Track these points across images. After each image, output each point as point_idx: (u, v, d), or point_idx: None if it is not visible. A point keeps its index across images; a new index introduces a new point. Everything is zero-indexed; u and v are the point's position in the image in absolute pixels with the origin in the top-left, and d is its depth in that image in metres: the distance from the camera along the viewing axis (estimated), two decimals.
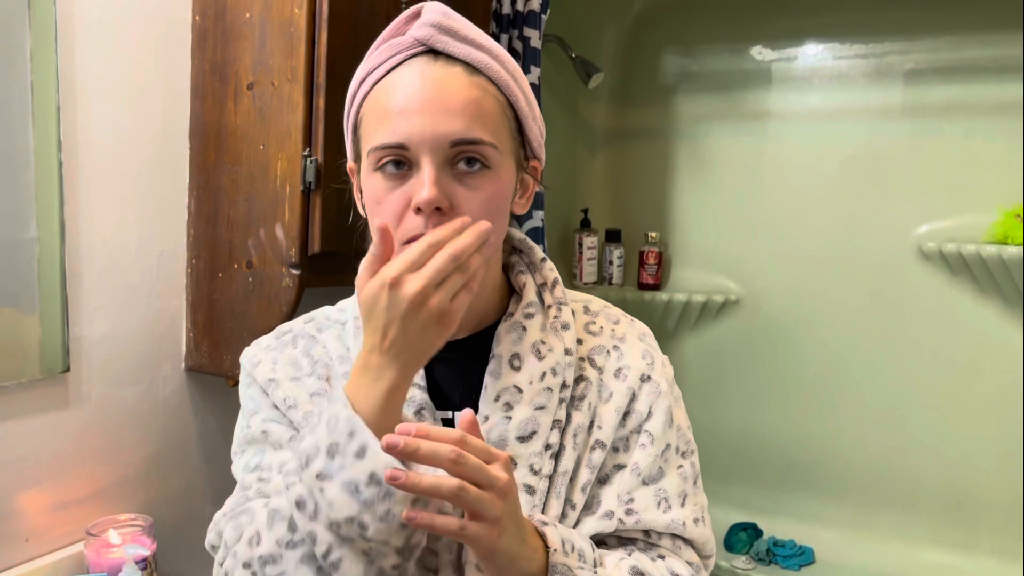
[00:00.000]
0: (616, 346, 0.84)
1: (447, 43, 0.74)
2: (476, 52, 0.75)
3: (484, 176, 0.73)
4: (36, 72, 1.19)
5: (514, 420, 0.77)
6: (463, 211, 0.72)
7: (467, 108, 0.72)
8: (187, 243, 1.48)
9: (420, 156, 0.72)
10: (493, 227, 0.72)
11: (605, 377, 0.82)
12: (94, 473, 1.35)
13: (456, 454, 0.62)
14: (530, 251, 0.88)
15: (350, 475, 0.66)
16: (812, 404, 2.48)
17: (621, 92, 2.72)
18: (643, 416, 0.81)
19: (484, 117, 0.73)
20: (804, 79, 2.45)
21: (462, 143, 0.72)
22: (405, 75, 0.74)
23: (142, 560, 1.25)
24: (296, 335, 0.87)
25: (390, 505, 0.65)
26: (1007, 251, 2.08)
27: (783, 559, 2.35)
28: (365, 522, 0.66)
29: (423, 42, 0.75)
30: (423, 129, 0.71)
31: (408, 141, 0.72)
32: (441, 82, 0.73)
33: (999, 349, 2.23)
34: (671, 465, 0.81)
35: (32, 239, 1.21)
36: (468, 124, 0.72)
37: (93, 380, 1.34)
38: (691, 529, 0.80)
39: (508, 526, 0.65)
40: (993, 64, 2.20)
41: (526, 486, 0.76)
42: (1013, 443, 2.23)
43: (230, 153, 1.41)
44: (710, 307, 2.57)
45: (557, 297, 0.84)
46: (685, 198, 2.64)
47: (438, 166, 0.72)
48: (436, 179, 0.71)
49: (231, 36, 1.40)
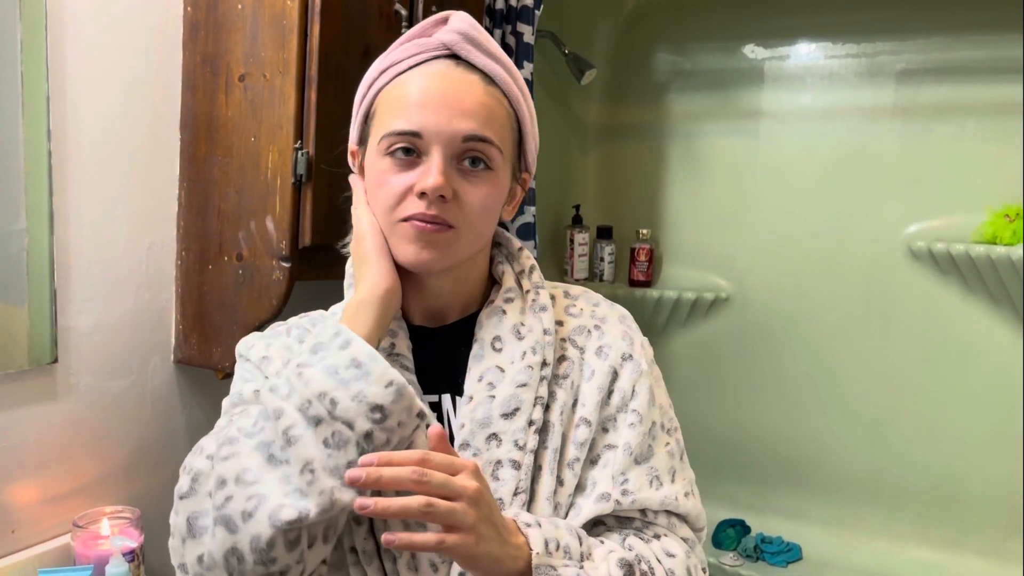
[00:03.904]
0: (597, 326, 0.88)
1: (470, 52, 0.81)
2: (494, 65, 0.82)
3: (486, 176, 0.80)
4: (26, 62, 1.18)
5: (497, 398, 0.80)
6: (465, 203, 0.78)
7: (480, 111, 0.79)
8: (177, 235, 1.47)
9: (431, 146, 0.78)
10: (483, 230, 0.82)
11: (587, 356, 0.86)
12: (81, 465, 1.35)
13: (418, 474, 0.65)
14: (507, 242, 0.93)
15: (332, 360, 0.71)
16: (801, 402, 2.49)
17: (614, 89, 2.72)
18: (627, 395, 0.83)
19: (494, 122, 0.80)
20: (796, 78, 2.46)
21: (473, 139, 0.78)
22: (427, 72, 0.80)
23: (129, 552, 1.25)
24: (290, 327, 0.90)
25: (365, 385, 0.70)
26: (996, 251, 2.09)
27: (771, 556, 2.36)
28: (337, 398, 0.70)
29: (449, 47, 0.81)
30: (438, 121, 0.77)
31: (423, 130, 0.77)
32: (460, 84, 0.79)
33: (987, 348, 2.25)
34: (659, 443, 0.84)
35: (21, 230, 1.21)
36: (480, 124, 0.78)
37: (81, 371, 1.33)
38: (683, 503, 0.82)
39: (485, 531, 0.67)
40: (984, 65, 2.21)
41: (512, 461, 0.78)
42: (1000, 442, 2.24)
43: (221, 145, 1.41)
44: (700, 304, 2.57)
45: (534, 282, 0.89)
46: (676, 195, 2.64)
47: (446, 159, 0.78)
48: (444, 169, 0.77)
49: (223, 28, 1.39)
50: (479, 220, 0.81)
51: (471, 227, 0.80)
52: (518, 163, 0.87)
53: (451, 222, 0.78)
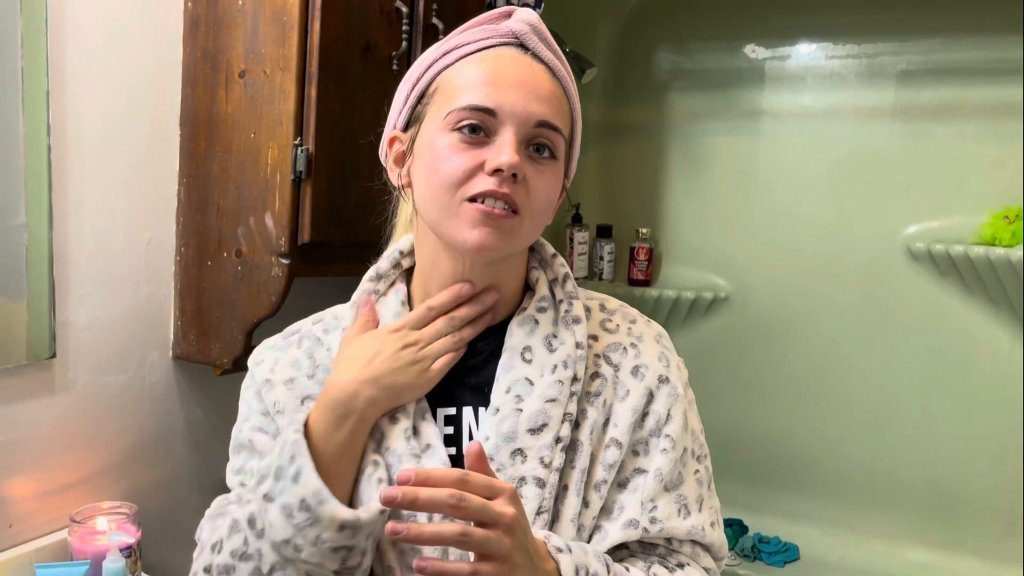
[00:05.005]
0: (633, 344, 0.84)
1: (537, 44, 0.80)
2: (557, 61, 0.81)
3: (551, 165, 0.79)
4: (26, 57, 1.18)
5: (525, 412, 0.77)
6: (532, 188, 0.76)
7: (552, 99, 0.78)
8: (176, 231, 1.47)
9: (503, 126, 0.76)
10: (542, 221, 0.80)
11: (621, 374, 0.82)
12: (79, 460, 1.35)
13: (456, 498, 0.62)
14: (541, 248, 0.90)
15: (287, 499, 0.71)
16: (799, 402, 2.49)
17: (614, 88, 2.72)
18: (662, 419, 0.80)
19: (562, 114, 0.80)
20: (797, 78, 2.46)
21: (545, 125, 0.77)
22: (499, 54, 0.79)
23: (127, 548, 1.25)
24: (302, 336, 0.88)
25: (319, 531, 0.70)
26: (995, 252, 2.09)
27: (768, 556, 2.36)
28: (299, 545, 0.70)
29: (518, 36, 0.80)
30: (515, 102, 0.76)
31: (499, 108, 0.76)
32: (532, 71, 0.79)
33: (986, 350, 2.25)
34: (688, 470, 0.81)
35: (20, 225, 1.21)
36: (552, 111, 0.78)
37: (79, 367, 1.33)
38: (708, 534, 0.80)
39: (519, 560, 0.65)
40: (985, 66, 2.21)
41: (536, 479, 0.75)
42: (998, 443, 2.24)
43: (221, 141, 1.41)
44: (699, 304, 2.57)
45: (568, 292, 0.85)
46: (676, 195, 2.64)
47: (519, 140, 0.76)
48: (517, 149, 0.75)
49: (223, 23, 1.39)
50: (541, 209, 0.79)
51: (533, 216, 0.78)
52: (566, 166, 0.84)
53: (519, 206, 0.75)
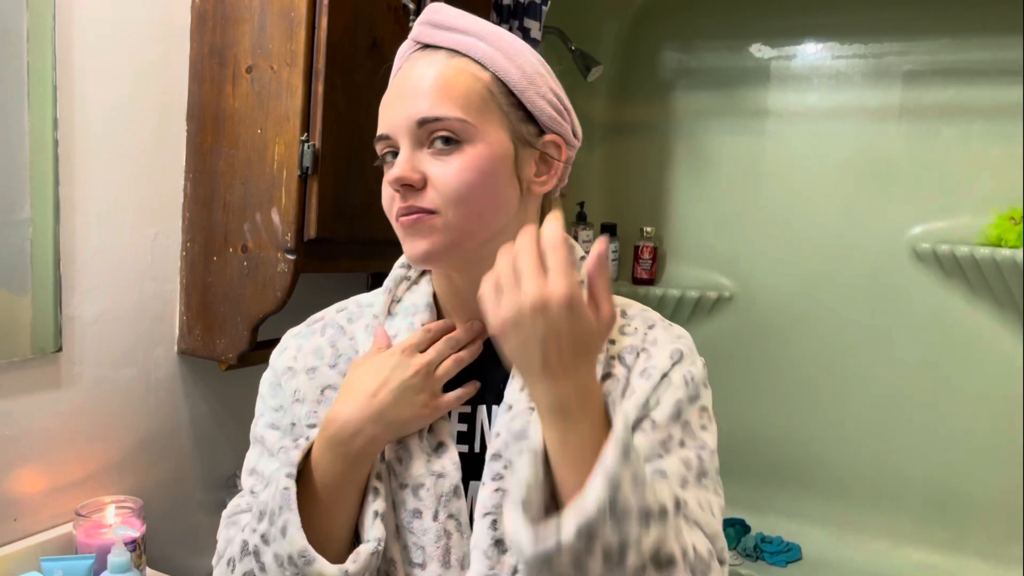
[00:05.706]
0: (646, 348, 0.83)
1: (432, 34, 0.78)
2: (457, 36, 0.77)
3: (457, 151, 0.74)
4: (33, 52, 1.18)
5: None
6: (436, 184, 0.74)
7: (434, 89, 0.75)
8: (182, 226, 1.47)
9: (400, 141, 0.76)
10: (476, 207, 0.75)
11: (632, 376, 0.81)
12: (84, 454, 1.35)
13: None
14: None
15: (277, 548, 0.73)
16: (803, 402, 2.49)
17: (620, 86, 2.72)
18: (651, 405, 0.79)
19: (452, 94, 0.74)
20: (803, 78, 2.46)
21: (426, 121, 0.74)
22: (401, 72, 0.79)
23: (131, 542, 1.25)
24: (326, 324, 0.88)
25: None
26: (1001, 253, 2.09)
27: (770, 555, 2.36)
28: None
29: (417, 40, 0.79)
30: (397, 115, 0.75)
31: (390, 131, 0.76)
32: (419, 71, 0.76)
33: (990, 351, 2.25)
34: (672, 453, 0.77)
35: (26, 220, 1.21)
36: (432, 103, 0.74)
37: (85, 361, 1.33)
38: (695, 511, 0.73)
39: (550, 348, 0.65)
40: (991, 67, 2.21)
41: None
42: (1002, 444, 2.24)
43: (227, 136, 1.41)
44: (704, 303, 2.57)
45: None
46: (681, 194, 2.64)
47: (412, 147, 0.75)
48: (408, 159, 0.75)
49: (231, 19, 1.39)
50: (461, 196, 0.74)
51: (456, 206, 0.74)
52: (528, 127, 0.79)
53: (428, 207, 0.74)
